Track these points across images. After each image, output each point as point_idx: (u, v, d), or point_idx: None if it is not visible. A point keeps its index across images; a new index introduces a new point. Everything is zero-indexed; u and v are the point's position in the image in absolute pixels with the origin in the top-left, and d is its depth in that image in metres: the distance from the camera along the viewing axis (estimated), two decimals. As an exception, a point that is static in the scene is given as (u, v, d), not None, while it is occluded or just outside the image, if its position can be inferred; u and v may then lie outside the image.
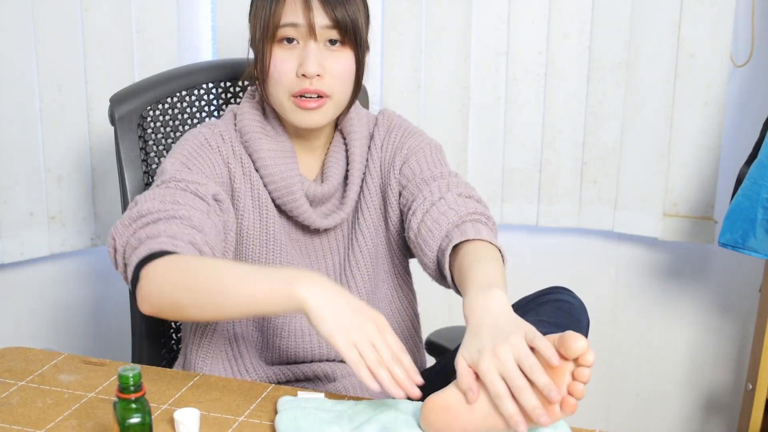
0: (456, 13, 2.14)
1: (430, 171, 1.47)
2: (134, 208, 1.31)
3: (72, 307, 2.22)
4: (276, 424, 1.15)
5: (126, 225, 1.29)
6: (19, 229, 2.04)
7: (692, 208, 2.19)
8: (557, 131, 2.21)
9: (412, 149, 1.50)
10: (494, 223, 1.44)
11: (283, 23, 1.35)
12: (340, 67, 1.38)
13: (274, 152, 1.43)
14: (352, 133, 1.49)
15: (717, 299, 2.35)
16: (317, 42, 1.36)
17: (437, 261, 1.39)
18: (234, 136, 1.44)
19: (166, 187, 1.34)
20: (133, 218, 1.29)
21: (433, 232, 1.38)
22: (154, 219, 1.28)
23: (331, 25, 1.35)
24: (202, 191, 1.34)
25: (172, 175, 1.35)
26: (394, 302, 1.55)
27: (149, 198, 1.32)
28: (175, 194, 1.32)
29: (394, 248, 1.53)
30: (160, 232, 1.26)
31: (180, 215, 1.29)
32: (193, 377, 1.31)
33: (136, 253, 1.24)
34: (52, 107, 2.02)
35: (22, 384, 1.28)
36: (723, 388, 2.40)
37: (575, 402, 1.04)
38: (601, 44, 2.15)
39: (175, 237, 1.25)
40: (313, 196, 1.44)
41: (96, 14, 2.02)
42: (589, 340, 1.42)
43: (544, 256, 2.36)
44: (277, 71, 1.37)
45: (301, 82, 1.36)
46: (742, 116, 2.20)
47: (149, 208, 1.29)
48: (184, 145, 1.41)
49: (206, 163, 1.39)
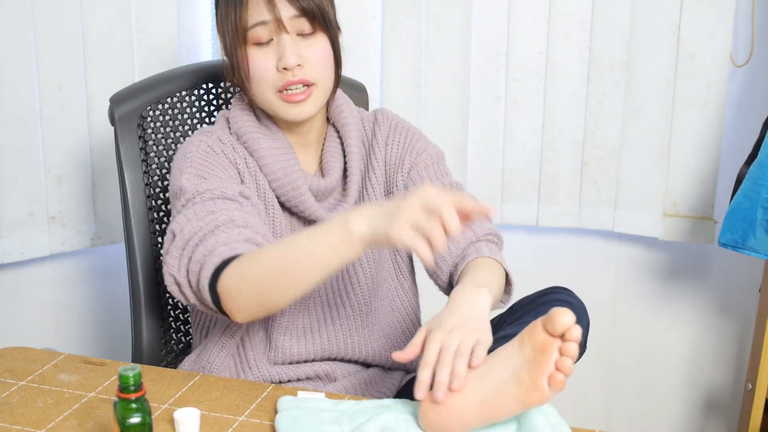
0: (456, 13, 2.14)
1: (440, 179, 1.50)
2: (176, 239, 1.30)
3: (72, 307, 2.22)
4: (276, 424, 1.15)
5: (177, 257, 1.29)
6: (19, 229, 2.04)
7: (692, 208, 2.19)
8: (557, 131, 2.21)
9: (420, 152, 1.52)
10: (503, 242, 1.49)
11: (251, 24, 1.35)
12: (318, 54, 1.38)
13: (274, 150, 1.43)
14: (345, 125, 1.49)
15: (717, 299, 2.35)
16: (289, 34, 1.36)
17: (450, 275, 1.44)
18: (232, 139, 1.44)
19: (193, 204, 1.33)
20: (181, 247, 1.29)
21: (451, 250, 1.42)
22: (200, 238, 1.28)
23: (298, 14, 1.35)
24: (228, 193, 1.34)
25: (194, 191, 1.34)
26: (395, 300, 1.55)
27: (184, 222, 1.31)
28: (206, 205, 1.31)
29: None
30: (213, 246, 1.25)
31: (221, 222, 1.29)
32: (194, 377, 1.32)
33: (203, 275, 1.24)
34: (52, 107, 2.02)
35: (22, 384, 1.28)
36: (723, 388, 2.40)
37: (563, 378, 1.07)
38: (601, 44, 2.15)
39: (229, 242, 1.25)
40: (316, 190, 1.45)
41: (96, 14, 2.02)
42: (589, 341, 1.44)
43: (544, 256, 2.36)
44: (257, 71, 1.37)
45: (284, 76, 1.37)
46: (742, 116, 2.20)
47: (190, 231, 1.29)
48: (190, 158, 1.40)
49: (219, 168, 1.39)
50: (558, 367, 1.07)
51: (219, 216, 1.29)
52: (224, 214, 1.30)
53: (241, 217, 1.30)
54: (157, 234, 1.63)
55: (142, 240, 1.61)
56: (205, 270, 1.24)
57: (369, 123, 1.54)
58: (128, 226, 1.61)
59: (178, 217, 1.32)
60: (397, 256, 1.55)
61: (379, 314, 1.53)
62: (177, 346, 1.69)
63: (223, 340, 1.44)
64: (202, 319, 1.49)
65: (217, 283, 1.23)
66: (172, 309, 1.67)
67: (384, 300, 1.54)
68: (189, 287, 1.28)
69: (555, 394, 1.08)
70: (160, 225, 1.64)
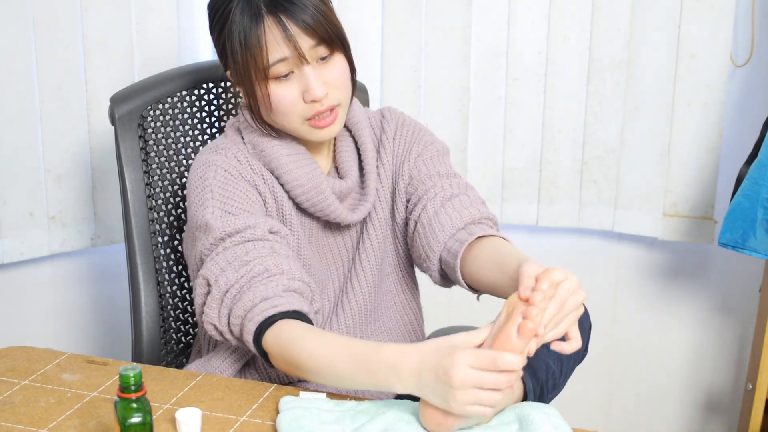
0: (456, 13, 2.14)
1: (445, 168, 1.50)
2: (213, 289, 1.31)
3: (72, 307, 2.22)
4: (277, 424, 1.15)
5: (216, 308, 1.31)
6: (19, 229, 2.04)
7: (692, 208, 2.19)
8: (557, 131, 2.21)
9: (427, 144, 1.52)
10: (498, 226, 1.48)
11: (272, 62, 1.33)
12: (338, 75, 1.37)
13: (292, 156, 1.42)
14: (357, 124, 1.49)
15: (717, 299, 2.35)
16: (310, 64, 1.34)
17: (444, 249, 1.41)
18: (246, 152, 1.43)
19: (224, 249, 1.33)
20: (219, 299, 1.30)
21: (453, 220, 1.41)
22: (238, 290, 1.29)
23: (317, 44, 1.33)
24: (258, 234, 1.34)
25: (222, 230, 1.34)
26: (398, 294, 1.56)
27: (218, 271, 1.31)
28: (238, 254, 1.32)
29: (399, 238, 1.53)
30: (252, 302, 1.27)
31: (257, 272, 1.30)
32: (196, 377, 1.32)
33: (246, 331, 1.27)
34: (52, 107, 2.02)
35: (24, 383, 1.28)
36: (723, 388, 2.40)
37: (532, 326, 1.06)
38: (601, 44, 2.15)
39: (267, 297, 1.27)
40: (338, 192, 1.45)
41: (96, 14, 2.01)
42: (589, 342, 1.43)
43: (544, 256, 2.34)
44: (283, 105, 1.36)
45: (312, 107, 1.36)
46: (742, 116, 2.20)
47: (226, 282, 1.30)
48: (210, 188, 1.38)
49: (242, 198, 1.38)
50: (524, 316, 1.07)
51: (254, 267, 1.30)
52: (259, 264, 1.30)
53: (275, 265, 1.31)
54: (157, 234, 1.63)
55: (143, 240, 1.61)
56: (247, 330, 1.27)
57: (377, 121, 1.54)
58: (128, 226, 1.61)
59: (209, 263, 1.33)
60: (400, 249, 1.55)
61: (382, 311, 1.54)
62: (177, 346, 1.68)
63: (237, 353, 1.44)
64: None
65: (261, 340, 1.26)
66: (172, 309, 1.67)
67: (386, 296, 1.54)
68: (232, 336, 1.32)
69: (524, 344, 1.07)
70: (160, 225, 1.64)
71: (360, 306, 1.50)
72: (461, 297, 1.74)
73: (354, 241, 1.52)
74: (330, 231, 1.49)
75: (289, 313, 1.26)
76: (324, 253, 1.49)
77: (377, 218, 1.51)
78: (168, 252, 1.65)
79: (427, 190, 1.46)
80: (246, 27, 1.32)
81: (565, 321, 1.11)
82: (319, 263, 1.49)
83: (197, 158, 1.44)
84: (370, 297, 1.51)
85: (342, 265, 1.51)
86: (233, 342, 1.33)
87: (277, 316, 1.26)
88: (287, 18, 1.31)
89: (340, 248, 1.51)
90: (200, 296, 1.34)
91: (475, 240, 1.37)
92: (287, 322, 1.25)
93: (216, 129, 1.71)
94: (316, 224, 1.48)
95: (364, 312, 1.50)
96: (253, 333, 1.26)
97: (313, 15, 1.32)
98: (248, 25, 1.32)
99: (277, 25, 1.31)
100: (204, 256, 1.35)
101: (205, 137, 1.70)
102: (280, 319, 1.26)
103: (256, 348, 1.27)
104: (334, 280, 1.50)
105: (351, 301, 1.49)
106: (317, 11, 1.32)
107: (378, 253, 1.51)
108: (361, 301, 1.50)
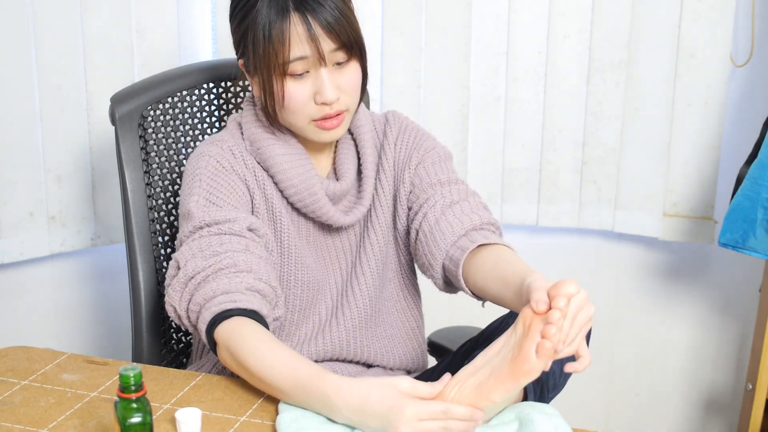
0: (456, 13, 2.14)
1: (446, 175, 1.49)
2: (180, 272, 1.32)
3: (72, 307, 2.22)
4: (277, 425, 1.15)
5: (179, 291, 1.32)
6: (19, 229, 2.04)
7: (692, 208, 2.19)
8: (557, 131, 2.21)
9: (428, 150, 1.51)
10: (501, 232, 1.47)
11: (292, 58, 1.33)
12: (351, 81, 1.38)
13: (288, 156, 1.43)
14: (359, 127, 1.49)
15: (717, 299, 2.35)
16: (327, 66, 1.35)
17: (446, 257, 1.40)
18: (243, 148, 1.44)
19: (200, 236, 1.34)
20: (183, 283, 1.32)
21: (454, 227, 1.40)
22: (203, 278, 1.30)
23: (337, 48, 1.34)
24: (236, 229, 1.34)
25: (202, 219, 1.35)
26: (399, 301, 1.56)
27: (189, 255, 1.33)
28: (212, 243, 1.33)
29: (401, 246, 1.53)
30: (214, 291, 1.28)
31: (225, 265, 1.30)
32: (196, 377, 1.31)
33: (200, 320, 1.29)
34: (52, 107, 2.02)
35: (24, 383, 1.28)
36: (723, 388, 2.40)
37: (550, 346, 1.05)
38: (601, 44, 2.15)
39: (229, 291, 1.28)
40: (332, 194, 1.45)
41: (96, 14, 2.02)
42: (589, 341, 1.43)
43: (544, 256, 2.36)
44: (295, 103, 1.36)
45: (322, 109, 1.36)
46: (742, 116, 2.20)
47: (194, 268, 1.31)
48: (200, 177, 1.40)
49: (228, 190, 1.39)
50: (543, 335, 1.06)
51: (223, 259, 1.31)
52: (229, 256, 1.31)
53: (244, 262, 1.31)
54: (157, 234, 1.63)
55: (143, 240, 1.61)
56: (203, 318, 1.28)
57: (380, 124, 1.54)
58: (128, 226, 1.61)
59: (183, 248, 1.35)
60: (402, 256, 1.54)
61: (383, 315, 1.53)
62: (177, 346, 1.69)
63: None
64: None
65: (213, 331, 1.27)
66: (173, 309, 1.67)
67: (388, 301, 1.54)
68: (188, 321, 1.33)
69: (543, 364, 1.07)
70: (161, 225, 1.64)
71: (360, 310, 1.50)
72: (462, 297, 1.74)
73: (354, 245, 1.51)
74: (328, 232, 1.49)
75: (246, 311, 1.27)
76: (322, 254, 1.49)
77: (378, 223, 1.51)
78: (168, 252, 1.65)
79: (428, 199, 1.46)
80: (272, 20, 1.32)
81: (577, 338, 1.10)
82: (317, 263, 1.48)
83: (196, 149, 1.46)
84: (371, 302, 1.51)
85: (341, 267, 1.51)
86: (189, 328, 1.34)
87: (234, 311, 1.26)
88: (313, 17, 1.31)
89: (338, 250, 1.51)
90: (168, 277, 1.35)
91: (478, 248, 1.37)
92: (244, 320, 1.26)
93: (216, 129, 1.71)
94: (312, 225, 1.48)
95: (365, 316, 1.50)
96: (207, 322, 1.27)
97: (338, 19, 1.32)
98: (274, 18, 1.32)
99: (303, 23, 1.31)
100: (181, 242, 1.37)
101: (206, 137, 1.70)
102: (237, 315, 1.26)
103: (207, 338, 1.28)
104: (333, 282, 1.50)
105: (351, 305, 1.49)
106: (342, 15, 1.33)
107: (380, 258, 1.51)
108: (362, 306, 1.50)
